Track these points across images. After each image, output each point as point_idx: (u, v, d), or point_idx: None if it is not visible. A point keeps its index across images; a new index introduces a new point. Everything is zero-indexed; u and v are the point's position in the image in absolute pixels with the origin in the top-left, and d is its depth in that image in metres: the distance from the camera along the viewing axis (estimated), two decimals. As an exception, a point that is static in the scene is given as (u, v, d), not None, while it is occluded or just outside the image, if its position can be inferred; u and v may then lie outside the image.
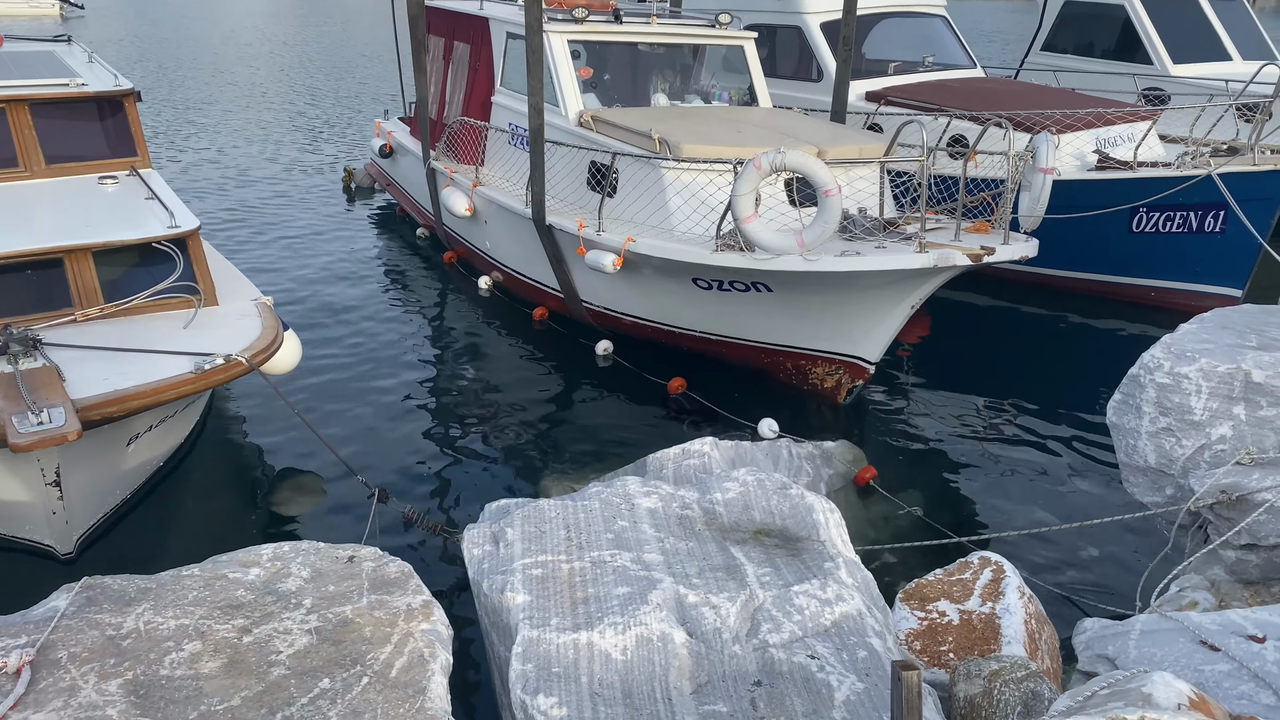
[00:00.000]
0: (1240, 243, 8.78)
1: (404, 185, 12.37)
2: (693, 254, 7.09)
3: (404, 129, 12.46)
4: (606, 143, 8.14)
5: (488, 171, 9.78)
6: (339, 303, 9.67)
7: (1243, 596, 4.75)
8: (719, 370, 8.22)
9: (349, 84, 24.77)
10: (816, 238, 6.45)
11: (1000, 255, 6.63)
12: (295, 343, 6.65)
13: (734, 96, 9.58)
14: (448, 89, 10.97)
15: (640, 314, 8.35)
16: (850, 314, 7.17)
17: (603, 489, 3.97)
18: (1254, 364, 4.83)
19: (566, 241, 8.25)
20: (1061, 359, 8.72)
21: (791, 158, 6.36)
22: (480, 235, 9.99)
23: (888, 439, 7.28)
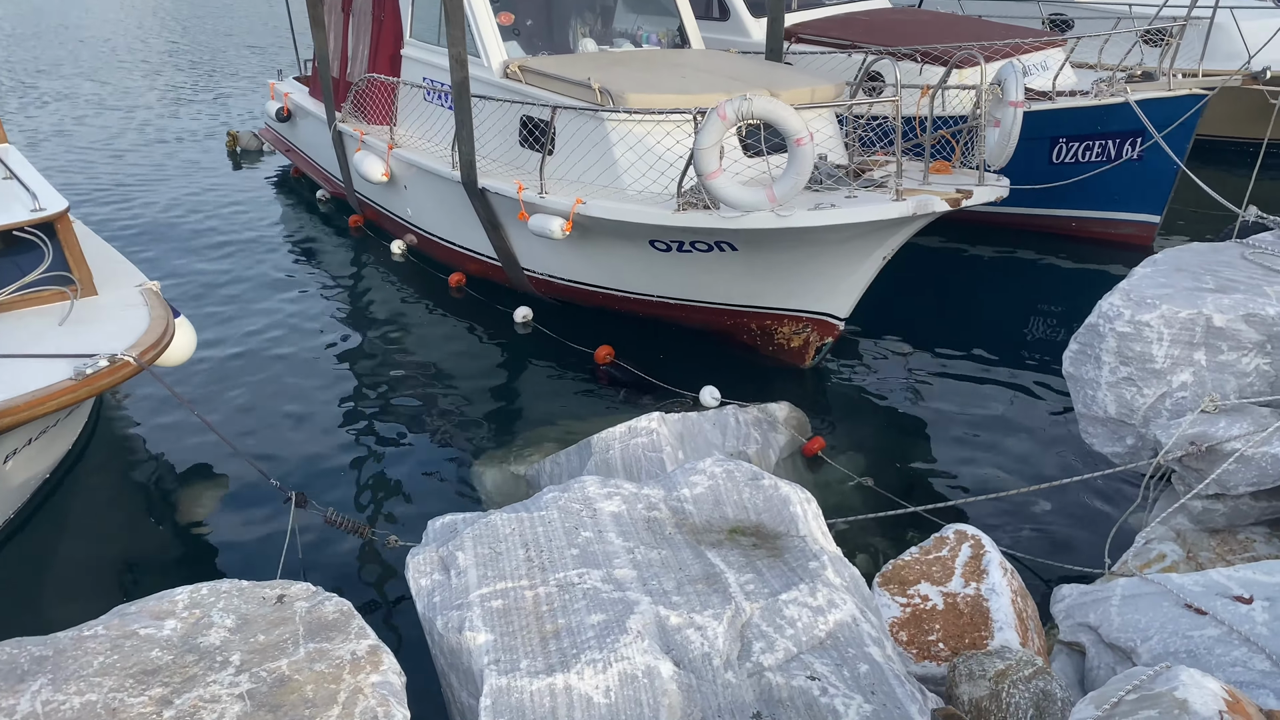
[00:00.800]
0: (1158, 169, 8.74)
1: (306, 150, 11.51)
2: (652, 215, 6.54)
3: (302, 89, 11.56)
4: (541, 95, 7.46)
5: (403, 132, 9.03)
6: (235, 280, 8.97)
7: (1209, 546, 4.66)
8: (645, 335, 7.86)
9: (227, 40, 23.16)
10: (788, 191, 6.00)
11: (977, 197, 6.30)
12: (189, 331, 6.05)
13: (663, 38, 9.00)
14: (349, 44, 10.11)
15: (590, 280, 7.76)
16: (819, 269, 6.74)
17: (559, 494, 3.60)
18: (1214, 308, 4.70)
19: (504, 206, 7.60)
20: (991, 299, 8.61)
21: (759, 104, 5.84)
22: (399, 202, 9.25)
23: (828, 398, 7.06)
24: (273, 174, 12.25)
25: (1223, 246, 5.44)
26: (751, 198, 6.08)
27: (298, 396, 6.98)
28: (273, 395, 6.98)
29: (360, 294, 8.73)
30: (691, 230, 6.55)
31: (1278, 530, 4.62)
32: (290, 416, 6.72)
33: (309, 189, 11.47)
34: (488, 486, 5.93)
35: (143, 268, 7.02)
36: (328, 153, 10.47)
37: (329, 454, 6.30)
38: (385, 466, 6.20)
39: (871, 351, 7.66)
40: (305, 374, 7.30)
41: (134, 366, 5.02)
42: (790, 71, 7.87)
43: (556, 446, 6.19)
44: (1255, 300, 4.71)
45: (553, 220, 6.99)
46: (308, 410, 6.80)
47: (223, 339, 7.80)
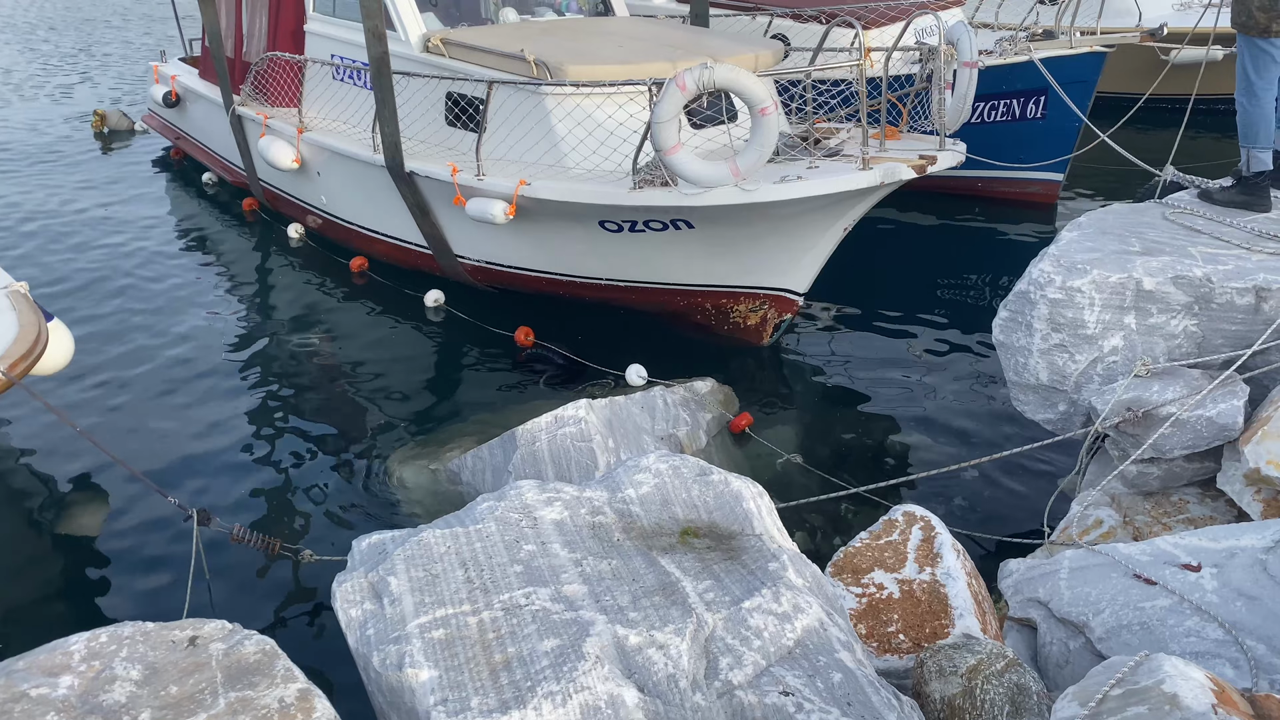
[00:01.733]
0: (1061, 127, 8.83)
1: (198, 137, 10.68)
2: (606, 194, 6.18)
3: (190, 71, 10.69)
4: (470, 70, 6.99)
5: (312, 114, 8.37)
6: (114, 275, 8.33)
7: (1144, 509, 4.67)
8: (564, 313, 7.60)
9: (85, 17, 21.65)
10: (753, 164, 5.68)
11: (941, 163, 6.16)
12: (64, 336, 5.53)
13: (584, 5, 8.57)
14: (243, 20, 9.36)
15: (533, 266, 7.32)
16: (780, 243, 6.49)
17: (495, 503, 3.34)
18: (1144, 271, 4.67)
19: (436, 190, 7.11)
20: (903, 264, 8.60)
21: (721, 73, 5.49)
22: (312, 189, 8.59)
23: (753, 371, 6.92)
24: (149, 156, 11.47)
25: (1143, 208, 5.45)
26: (714, 172, 5.75)
27: (191, 401, 6.50)
28: (163, 402, 6.48)
29: (257, 284, 8.22)
30: (648, 209, 6.21)
31: (1209, 490, 4.65)
32: (184, 424, 6.25)
33: (194, 170, 10.75)
34: (406, 486, 5.62)
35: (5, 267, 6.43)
36: (225, 139, 9.75)
37: (230, 463, 5.87)
38: (293, 473, 5.82)
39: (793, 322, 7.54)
40: (198, 375, 6.81)
41: (3, 381, 4.55)
42: (726, 39, 7.55)
43: (476, 440, 5.91)
44: (1182, 262, 4.70)
45: (494, 204, 6.54)
46: (204, 416, 6.34)
47: (103, 342, 7.22)
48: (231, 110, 9.02)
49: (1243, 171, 5.28)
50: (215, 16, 8.84)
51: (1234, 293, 4.57)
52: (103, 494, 5.55)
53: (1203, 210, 5.31)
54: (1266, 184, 5.24)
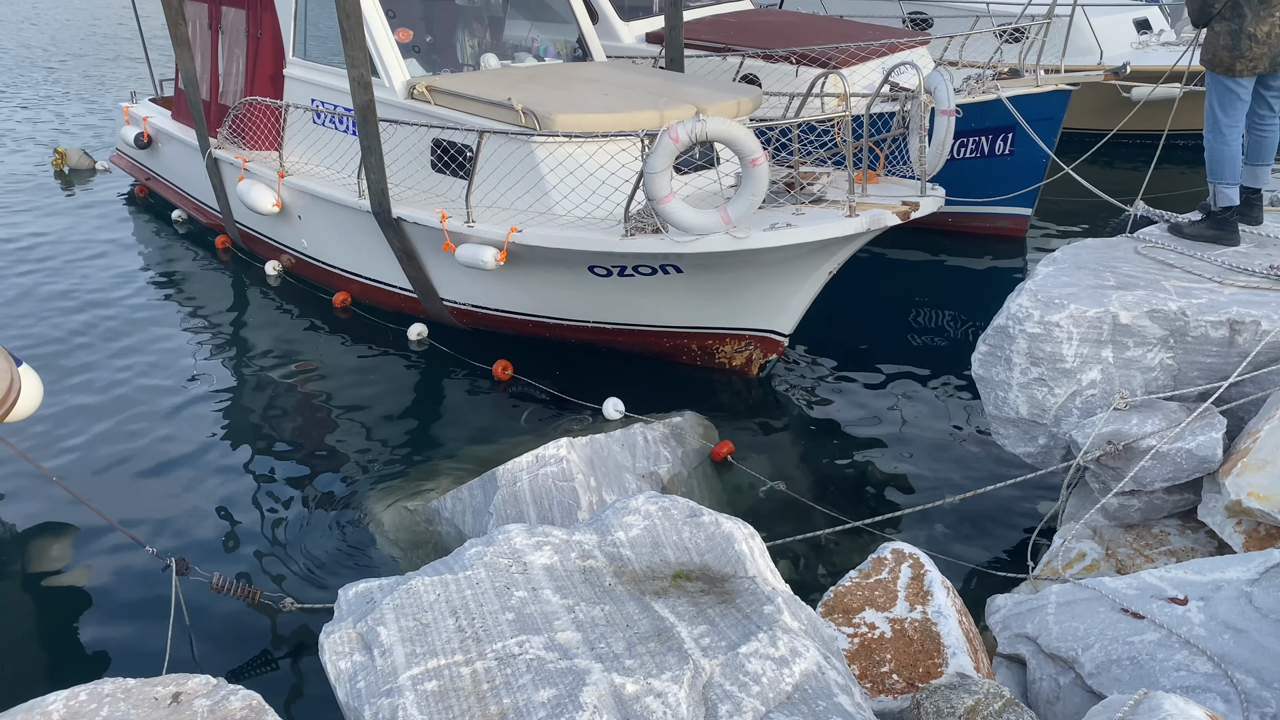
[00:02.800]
0: (1029, 163, 8.98)
1: (171, 179, 10.58)
2: (598, 241, 6.23)
3: (162, 113, 10.62)
4: (458, 118, 7.05)
5: (293, 158, 8.32)
6: (84, 317, 8.18)
7: (1126, 541, 4.70)
8: (542, 347, 7.58)
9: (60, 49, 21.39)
10: (743, 212, 5.84)
11: (924, 209, 6.31)
12: (35, 381, 5.43)
13: (561, 50, 8.63)
14: (219, 63, 9.29)
15: (520, 309, 7.33)
16: (767, 287, 6.60)
17: (484, 548, 3.30)
18: (1119, 305, 4.74)
19: (424, 236, 7.10)
20: (878, 297, 8.66)
21: (713, 125, 5.65)
22: (293, 234, 8.53)
23: (731, 403, 6.92)
24: (113, 194, 11.32)
25: (1116, 242, 5.53)
26: (706, 221, 5.89)
27: (166, 445, 6.38)
28: (136, 445, 6.35)
29: (233, 322, 8.12)
30: (639, 255, 6.29)
31: (1189, 522, 4.69)
32: (159, 468, 6.13)
33: (162, 208, 10.63)
34: (385, 527, 5.54)
35: None
36: (198, 181, 9.66)
37: (207, 507, 5.76)
38: (272, 516, 5.71)
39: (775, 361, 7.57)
40: (173, 418, 6.69)
41: None
42: (706, 85, 7.66)
43: (454, 479, 5.86)
44: (1157, 296, 4.77)
45: (484, 250, 6.56)
46: (179, 459, 6.22)
47: (73, 385, 7.08)
48: (208, 153, 8.95)
49: (1211, 206, 5.38)
50: (191, 61, 8.79)
51: (1208, 326, 4.63)
52: (77, 543, 5.42)
53: (1174, 244, 5.40)
54: (1234, 218, 5.34)
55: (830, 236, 6.02)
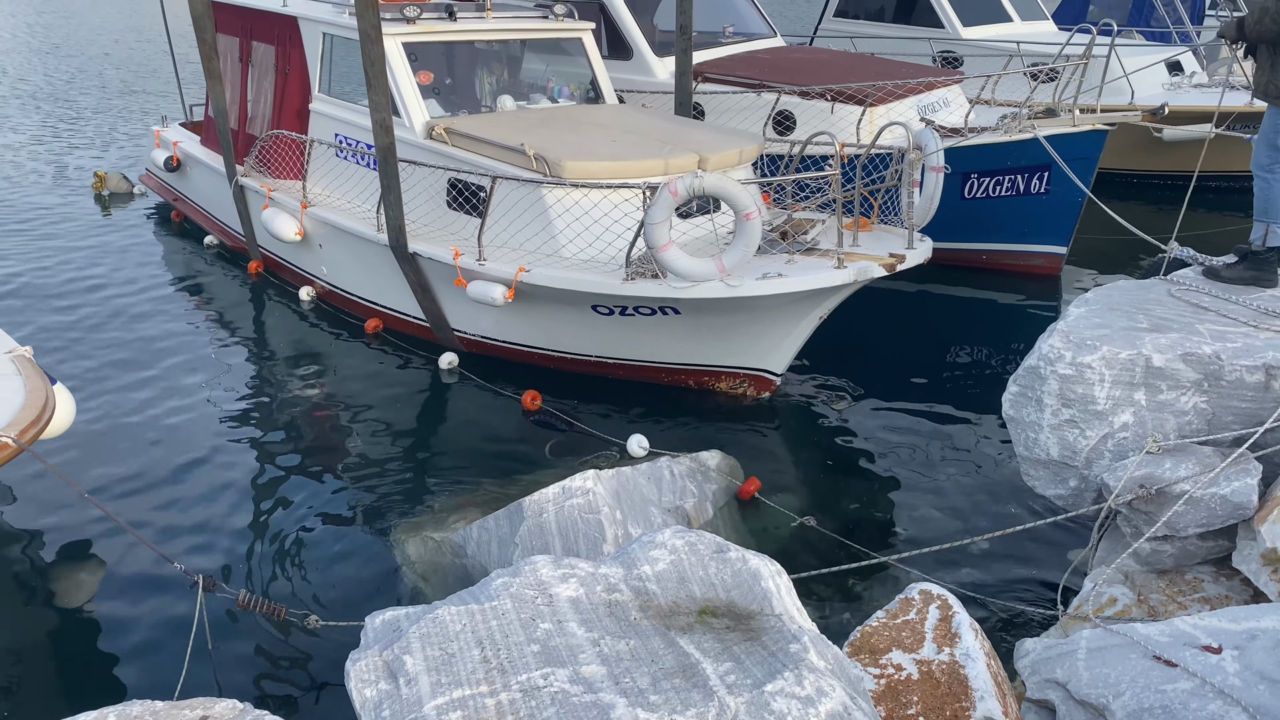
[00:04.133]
0: (1064, 201, 8.97)
1: (198, 201, 10.92)
2: (601, 284, 6.56)
3: (191, 138, 10.99)
4: (473, 160, 7.36)
5: (316, 189, 8.67)
6: (118, 337, 8.32)
7: (1159, 587, 4.63)
8: (571, 380, 7.62)
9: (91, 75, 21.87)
10: (737, 262, 6.17)
11: (910, 260, 6.56)
12: (68, 400, 5.53)
13: (574, 91, 8.93)
14: (249, 95, 9.69)
15: (527, 342, 7.62)
16: (760, 330, 6.88)
17: (510, 579, 3.31)
18: (1153, 348, 4.69)
19: (438, 271, 7.41)
20: (913, 334, 8.63)
21: (709, 182, 5.98)
22: (313, 260, 8.86)
23: (755, 442, 6.91)
24: (150, 218, 11.52)
25: (1149, 284, 5.49)
26: (702, 269, 6.20)
27: (195, 464, 6.46)
28: (166, 465, 6.44)
29: (263, 345, 8.22)
30: (639, 298, 6.58)
31: (1224, 569, 4.62)
32: (189, 486, 6.21)
33: (196, 233, 10.82)
34: (410, 558, 5.56)
35: (9, 331, 6.44)
36: (224, 205, 9.97)
37: (235, 526, 5.83)
38: (298, 536, 5.77)
39: (797, 391, 7.56)
40: (203, 438, 6.78)
41: (13, 448, 4.52)
42: (713, 131, 7.95)
43: (480, 509, 5.88)
44: (1190, 339, 4.72)
45: (494, 288, 6.87)
46: (209, 478, 6.30)
47: (105, 404, 7.19)
48: (235, 181, 9.23)
49: (1254, 246, 5.32)
50: (222, 94, 9.09)
51: (1243, 370, 4.58)
52: (106, 559, 5.50)
53: (1208, 287, 5.35)
54: (1275, 260, 5.28)
55: (818, 287, 6.35)
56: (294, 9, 9.08)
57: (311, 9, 8.95)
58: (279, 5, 9.28)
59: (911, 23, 13.79)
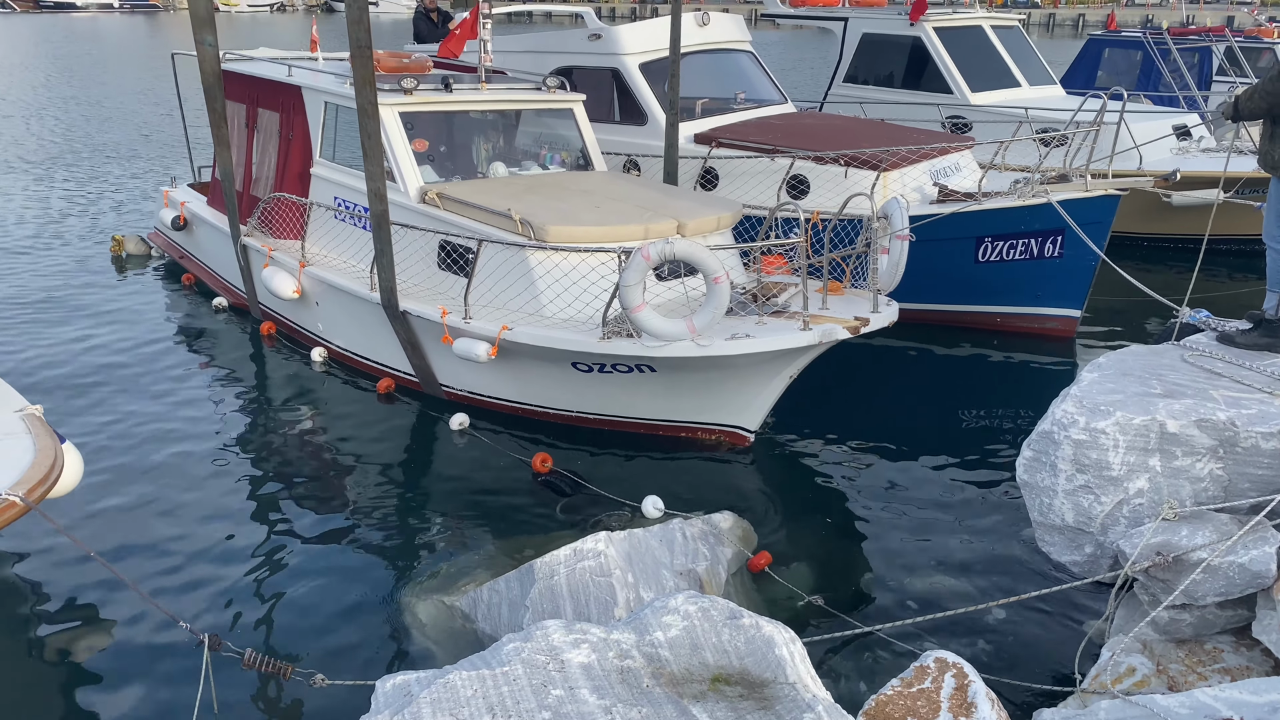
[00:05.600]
0: (1078, 265, 9.02)
1: (204, 260, 11.23)
2: (578, 342, 6.85)
3: (198, 198, 11.33)
4: (462, 224, 7.71)
5: (314, 249, 9.03)
6: (129, 396, 8.37)
7: (1178, 657, 4.56)
8: (584, 440, 7.64)
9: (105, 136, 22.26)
10: (707, 323, 6.45)
11: (874, 324, 6.85)
12: (77, 458, 5.56)
13: (565, 159, 9.31)
14: (254, 159, 10.11)
15: (510, 397, 7.89)
16: (733, 388, 7.13)
17: (521, 644, 3.29)
18: (1167, 413, 4.68)
19: (426, 328, 7.71)
20: (927, 396, 8.62)
21: (681, 248, 6.33)
22: (310, 317, 9.17)
23: (769, 505, 6.88)
24: (165, 279, 11.67)
25: (1162, 349, 5.49)
26: (673, 329, 6.48)
27: (203, 522, 6.46)
28: (174, 523, 6.44)
29: (274, 406, 8.27)
30: (615, 356, 6.88)
31: (1244, 639, 4.55)
32: (195, 545, 6.20)
33: (204, 297, 10.95)
34: (420, 620, 5.53)
35: (21, 389, 6.49)
36: (227, 263, 10.31)
37: (242, 586, 5.81)
38: (306, 597, 5.74)
39: (810, 454, 7.55)
40: (212, 497, 6.79)
41: (20, 506, 4.54)
42: (694, 199, 8.33)
43: (490, 572, 5.85)
44: (1204, 405, 4.71)
45: (478, 345, 7.15)
46: (215, 537, 6.30)
47: (114, 462, 7.20)
48: (239, 241, 9.58)
49: (1268, 314, 5.34)
50: (229, 159, 9.42)
51: (1259, 437, 4.56)
52: (113, 618, 5.49)
53: (1221, 353, 5.35)
54: (1289, 327, 5.29)
55: (784, 348, 6.63)
56: (298, 79, 9.54)
57: (315, 79, 9.38)
58: (284, 75, 9.75)
59: (920, 88, 13.99)
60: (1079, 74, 17.54)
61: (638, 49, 10.87)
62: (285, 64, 10.10)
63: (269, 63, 10.60)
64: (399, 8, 76.55)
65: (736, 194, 9.93)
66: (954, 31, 13.92)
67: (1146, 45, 16.63)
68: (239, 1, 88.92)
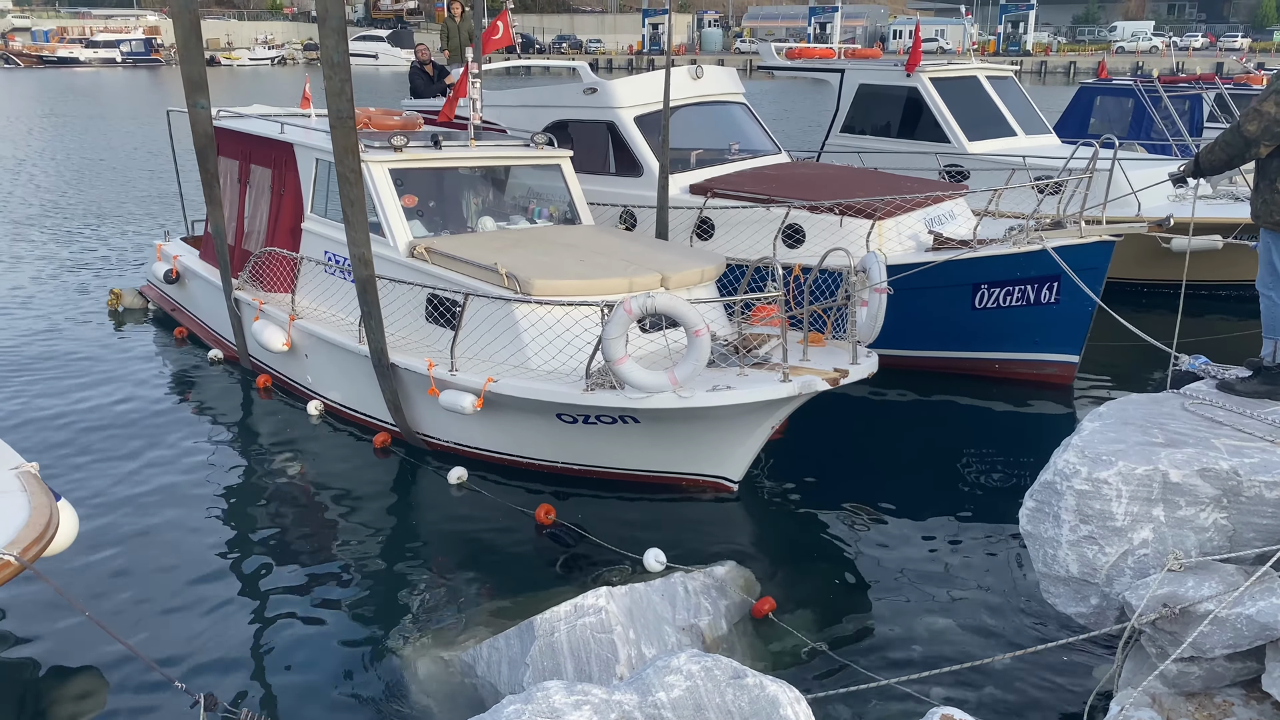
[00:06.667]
0: (1075, 311, 9.04)
1: (195, 313, 11.31)
2: (563, 394, 6.92)
3: (191, 251, 11.45)
4: (449, 277, 7.83)
5: (304, 302, 9.13)
6: (126, 453, 8.30)
7: (1187, 711, 4.49)
8: (586, 491, 7.60)
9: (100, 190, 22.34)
10: (688, 375, 6.55)
11: (853, 375, 6.98)
12: (72, 516, 5.55)
13: (553, 213, 9.46)
14: (245, 213, 10.27)
15: (495, 448, 7.91)
16: (715, 439, 7.20)
17: (522, 706, 3.24)
18: (1169, 463, 4.66)
19: (413, 381, 7.76)
20: (927, 443, 8.60)
21: (661, 301, 6.45)
22: (299, 369, 9.24)
23: (772, 554, 6.83)
24: (160, 334, 11.66)
25: (1162, 398, 5.48)
26: (655, 381, 6.57)
27: (199, 580, 6.38)
28: (169, 581, 6.36)
29: (270, 461, 8.23)
30: (598, 408, 6.96)
31: (1254, 691, 4.49)
32: (191, 604, 6.13)
33: (198, 350, 10.94)
34: (419, 677, 5.45)
35: (17, 446, 6.45)
36: (219, 316, 10.38)
37: (238, 644, 5.74)
38: (304, 655, 5.67)
39: (811, 503, 7.51)
40: (207, 554, 6.72)
41: (14, 565, 4.51)
42: (678, 253, 8.48)
43: (490, 629, 5.78)
44: (1207, 454, 4.70)
45: (464, 397, 7.23)
46: (211, 595, 6.23)
47: (110, 520, 7.11)
48: (231, 296, 9.69)
49: (1265, 362, 5.34)
50: (221, 217, 9.51)
51: (1263, 486, 4.54)
52: (108, 678, 5.42)
53: (1221, 401, 5.35)
54: (1287, 375, 5.29)
55: (764, 399, 6.71)
56: (290, 136, 9.72)
57: (306, 137, 9.56)
58: (276, 132, 9.94)
59: (917, 138, 14.11)
60: (1071, 122, 17.71)
61: (632, 102, 10.99)
62: (278, 121, 10.31)
63: (261, 119, 10.80)
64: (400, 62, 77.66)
65: (732, 244, 9.97)
66: (950, 82, 14.08)
67: (1138, 93, 16.82)
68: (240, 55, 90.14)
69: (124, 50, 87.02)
